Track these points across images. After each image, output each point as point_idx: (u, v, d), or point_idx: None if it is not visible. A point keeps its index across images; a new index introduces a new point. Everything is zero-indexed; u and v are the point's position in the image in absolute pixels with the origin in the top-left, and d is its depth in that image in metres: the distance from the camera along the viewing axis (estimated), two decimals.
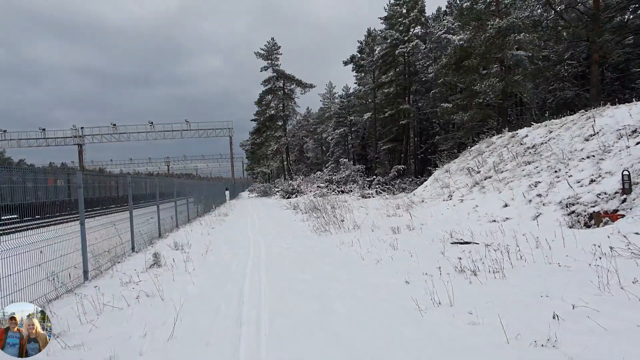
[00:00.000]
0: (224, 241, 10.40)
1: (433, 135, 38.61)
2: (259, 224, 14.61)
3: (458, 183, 15.77)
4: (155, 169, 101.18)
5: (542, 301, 4.31)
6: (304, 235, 10.88)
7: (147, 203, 11.45)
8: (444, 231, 9.49)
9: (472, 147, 19.14)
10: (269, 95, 43.51)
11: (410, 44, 33.65)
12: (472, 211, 11.98)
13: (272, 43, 42.56)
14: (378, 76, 40.15)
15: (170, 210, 13.63)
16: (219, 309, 4.79)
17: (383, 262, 6.74)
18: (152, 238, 10.46)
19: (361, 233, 10.13)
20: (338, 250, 8.18)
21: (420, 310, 4.27)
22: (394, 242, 8.15)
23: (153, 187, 11.51)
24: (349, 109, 53.15)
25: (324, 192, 28.73)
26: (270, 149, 43.70)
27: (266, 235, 11.16)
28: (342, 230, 10.80)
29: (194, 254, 8.38)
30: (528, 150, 13.89)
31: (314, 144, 73.59)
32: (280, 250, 8.59)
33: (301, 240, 9.92)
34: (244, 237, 10.95)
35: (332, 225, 11.51)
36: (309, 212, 17.13)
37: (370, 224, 11.21)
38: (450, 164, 19.68)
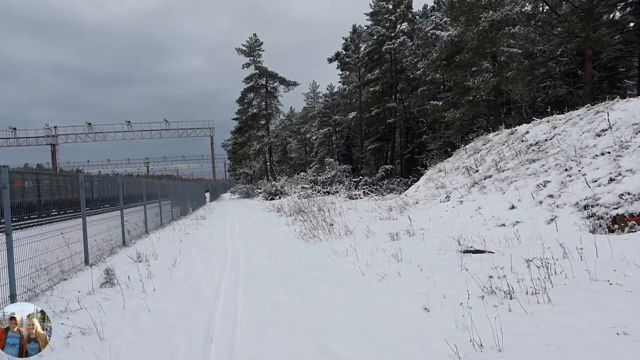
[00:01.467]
0: (197, 249, 9.04)
1: (420, 134, 37.72)
2: (239, 228, 13.26)
3: (455, 183, 14.70)
4: (135, 170, 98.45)
5: (623, 342, 3.14)
6: (289, 242, 9.59)
7: (111, 206, 10.00)
8: (450, 237, 8.34)
9: (466, 145, 18.15)
10: (251, 93, 42.01)
11: (397, 41, 32.68)
12: (475, 214, 10.87)
13: (255, 39, 41.09)
14: (364, 74, 39.09)
15: (140, 214, 12.19)
16: (175, 354, 3.48)
17: (389, 278, 5.52)
18: (114, 247, 9.03)
19: (355, 240, 8.89)
20: (331, 261, 6.92)
21: (459, 359, 3.04)
22: (397, 251, 6.93)
23: (118, 188, 10.05)
24: (334, 108, 51.99)
25: (309, 193, 27.44)
26: (252, 148, 42.22)
27: (246, 242, 9.84)
28: (332, 236, 9.55)
29: (159, 267, 7.03)
30: (531, 148, 12.89)
31: (297, 144, 72.23)
32: (262, 262, 7.28)
33: (286, 249, 8.63)
34: (221, 245, 9.61)
35: (321, 231, 10.26)
36: (294, 215, 15.84)
37: (364, 229, 9.99)
38: (443, 163, 18.66)
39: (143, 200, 12.12)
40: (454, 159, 17.87)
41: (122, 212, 9.71)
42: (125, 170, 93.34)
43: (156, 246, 9.26)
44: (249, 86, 41.77)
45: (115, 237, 9.53)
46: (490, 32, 20.05)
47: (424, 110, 33.89)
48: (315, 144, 56.36)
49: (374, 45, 35.03)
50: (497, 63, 21.93)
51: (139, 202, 12.28)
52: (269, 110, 42.13)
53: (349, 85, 47.72)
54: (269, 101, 42.27)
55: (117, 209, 9.92)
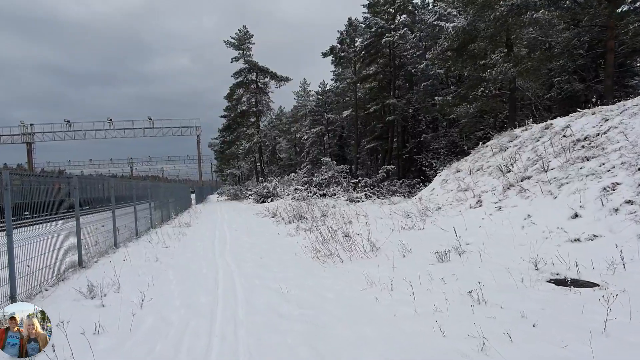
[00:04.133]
0: (177, 275, 6.74)
1: (419, 133, 35.75)
2: (232, 239, 10.97)
3: (482, 185, 12.64)
4: (119, 171, 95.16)
5: None
6: (299, 262, 7.34)
7: (63, 213, 7.68)
8: (517, 257, 6.23)
9: (487, 142, 16.11)
10: (240, 89, 39.53)
11: (398, 33, 30.64)
12: (527, 224, 8.77)
13: (244, 31, 38.65)
14: (360, 69, 37.00)
15: (109, 223, 9.83)
16: None
17: (494, 344, 3.32)
18: (65, 271, 6.69)
19: (389, 260, 6.71)
20: (373, 301, 4.71)
21: None
22: (462, 282, 4.77)
23: (73, 191, 7.68)
24: (326, 107, 49.83)
25: (304, 195, 25.20)
26: (241, 147, 39.78)
27: (242, 262, 7.57)
28: (355, 253, 7.33)
29: (117, 308, 4.76)
30: (579, 143, 10.85)
31: (287, 144, 69.93)
32: (270, 300, 5.04)
33: (299, 274, 6.39)
34: (209, 267, 7.32)
35: (335, 243, 8.03)
36: (295, 222, 13.61)
37: (394, 243, 7.81)
38: (460, 162, 16.61)
39: (112, 205, 9.75)
40: (473, 157, 15.82)
41: (78, 222, 7.37)
42: (108, 171, 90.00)
43: (123, 269, 6.94)
44: (238, 81, 39.29)
45: (70, 254, 7.20)
46: (509, 17, 18.08)
47: (425, 107, 31.97)
48: (307, 143, 54.09)
49: (372, 38, 32.96)
50: (513, 53, 20.00)
51: (108, 206, 9.93)
52: (259, 107, 39.70)
53: (343, 82, 45.61)
54: (260, 97, 39.85)
55: (75, 215, 7.57)
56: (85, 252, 7.56)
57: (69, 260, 7.17)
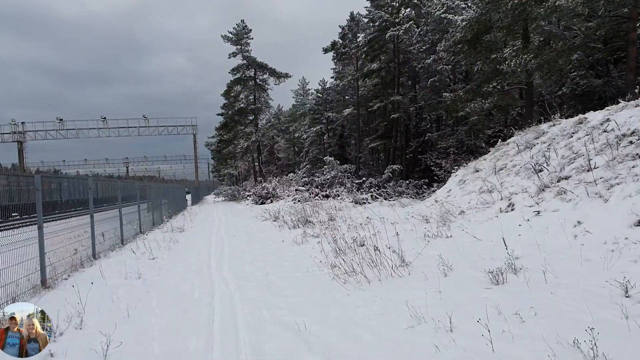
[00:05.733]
0: (161, 301, 5.36)
1: (423, 132, 34.41)
2: (230, 248, 9.57)
3: (510, 186, 11.30)
4: (115, 171, 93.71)
5: None
6: (315, 282, 5.94)
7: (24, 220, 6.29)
8: (605, 282, 4.89)
9: (508, 140, 14.79)
10: (238, 85, 38.05)
11: (403, 27, 29.30)
12: (579, 232, 7.42)
13: (242, 26, 37.20)
14: (363, 65, 35.64)
15: (87, 229, 8.44)
16: None
17: None
18: (18, 297, 5.30)
19: (427, 280, 5.36)
20: (432, 350, 3.35)
21: None
22: (553, 322, 3.42)
23: (38, 191, 6.27)
24: (326, 105, 48.41)
25: (306, 196, 23.81)
26: (239, 146, 38.31)
27: (244, 282, 6.18)
28: (382, 271, 5.94)
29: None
30: (625, 139, 9.53)
31: (285, 144, 68.47)
32: (286, 348, 3.66)
33: (319, 303, 4.99)
34: (202, 289, 5.92)
35: (352, 254, 6.66)
36: (301, 227, 12.25)
37: (428, 257, 6.45)
38: (478, 161, 15.27)
39: (90, 209, 8.35)
40: (494, 156, 14.48)
41: (41, 232, 5.98)
42: (104, 171, 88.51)
43: (95, 290, 5.55)
44: (236, 78, 37.80)
45: (31, 271, 5.82)
46: (529, 5, 16.77)
47: (431, 104, 30.63)
48: (306, 143, 52.68)
49: (376, 33, 31.60)
50: (530, 44, 18.69)
51: (86, 210, 8.54)
52: (257, 104, 38.26)
53: (343, 80, 44.24)
54: (258, 94, 38.39)
55: (39, 224, 6.18)
56: (51, 268, 6.15)
57: (31, 279, 5.79)
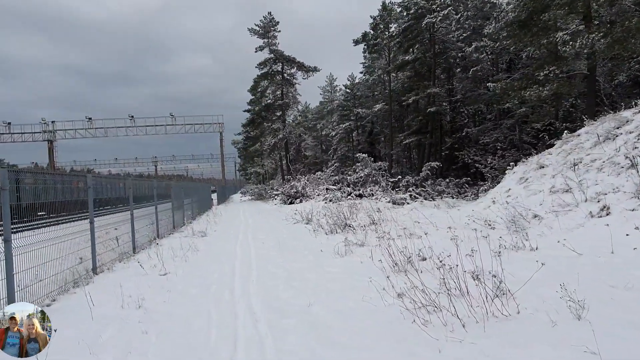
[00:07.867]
0: (161, 354, 3.76)
1: (460, 127, 32.08)
2: (258, 260, 7.95)
3: (591, 184, 9.26)
4: (144, 170, 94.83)
5: None
6: (383, 324, 4.15)
7: None
8: None
9: (579, 130, 12.68)
10: (265, 80, 36.67)
11: (440, 14, 27.18)
12: None
13: (269, 18, 35.77)
14: (395, 57, 33.63)
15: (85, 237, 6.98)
16: None
17: None
18: None
19: (556, 328, 3.54)
20: None
21: None
22: None
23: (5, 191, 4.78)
24: (355, 101, 46.51)
25: (339, 196, 22.10)
26: (266, 143, 36.93)
27: (279, 319, 4.49)
28: (480, 305, 4.13)
29: None
30: None
31: (313, 142, 66.84)
32: None
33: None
34: (221, 328, 4.27)
35: (417, 273, 4.89)
36: (339, 231, 10.56)
37: (536, 285, 4.61)
38: (542, 156, 13.17)
39: (89, 213, 6.87)
40: (561, 149, 12.36)
41: (7, 245, 4.47)
42: (134, 170, 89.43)
43: (78, 327, 4.01)
44: (263, 72, 36.43)
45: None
46: None
47: (471, 97, 28.38)
48: (334, 140, 50.89)
49: (411, 21, 29.56)
50: (591, 23, 16.36)
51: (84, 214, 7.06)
52: (285, 99, 36.75)
53: (373, 74, 42.27)
54: (286, 89, 36.88)
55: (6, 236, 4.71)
56: (22, 293, 4.63)
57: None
